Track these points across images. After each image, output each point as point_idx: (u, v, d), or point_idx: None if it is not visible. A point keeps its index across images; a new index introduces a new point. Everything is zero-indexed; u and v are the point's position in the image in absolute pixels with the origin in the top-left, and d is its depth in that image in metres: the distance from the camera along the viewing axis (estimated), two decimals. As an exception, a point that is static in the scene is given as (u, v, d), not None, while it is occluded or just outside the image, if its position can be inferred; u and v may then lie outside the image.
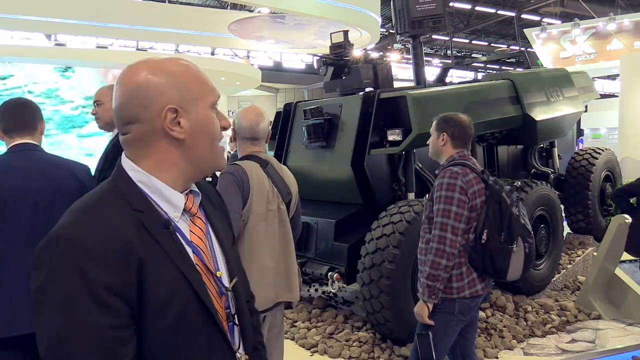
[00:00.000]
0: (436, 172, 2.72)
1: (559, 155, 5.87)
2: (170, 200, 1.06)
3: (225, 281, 1.13)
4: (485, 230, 2.49)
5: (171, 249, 1.01)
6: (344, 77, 4.74)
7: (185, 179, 1.10)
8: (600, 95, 10.89)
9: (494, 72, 15.64)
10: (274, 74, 20.47)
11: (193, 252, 1.06)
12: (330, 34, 4.82)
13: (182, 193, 1.09)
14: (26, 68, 12.92)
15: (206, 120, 1.09)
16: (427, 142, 2.80)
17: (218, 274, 1.10)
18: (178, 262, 1.01)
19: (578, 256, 5.57)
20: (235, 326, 1.12)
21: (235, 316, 1.13)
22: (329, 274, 3.96)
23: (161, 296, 0.96)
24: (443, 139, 2.67)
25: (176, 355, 1.00)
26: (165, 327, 0.97)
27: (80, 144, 13.31)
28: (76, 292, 0.89)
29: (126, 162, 1.07)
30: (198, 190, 1.15)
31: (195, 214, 1.12)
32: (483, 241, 2.49)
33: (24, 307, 2.09)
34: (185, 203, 1.09)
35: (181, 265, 1.02)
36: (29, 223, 2.20)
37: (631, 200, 4.79)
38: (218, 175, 2.59)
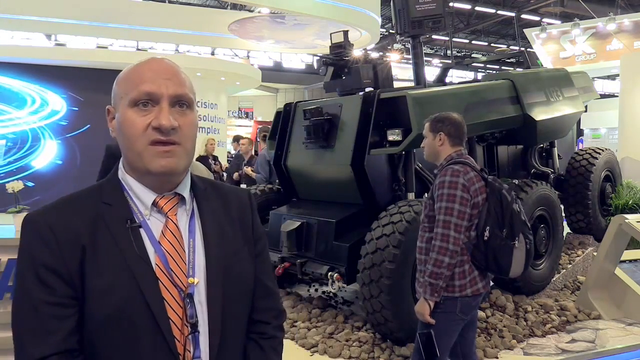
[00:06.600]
0: (435, 171, 2.72)
1: (559, 155, 5.87)
2: (140, 197, 1.09)
3: (202, 290, 1.08)
4: (487, 227, 2.50)
5: (124, 242, 1.03)
6: (344, 77, 4.74)
7: (141, 179, 1.09)
8: (600, 95, 10.89)
9: (494, 72, 15.64)
10: (274, 74, 20.44)
11: (156, 252, 1.05)
12: (330, 34, 4.82)
13: (161, 193, 1.09)
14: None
15: (122, 118, 1.07)
16: (422, 146, 2.80)
17: (191, 280, 1.06)
18: (128, 255, 1.02)
19: (578, 256, 5.57)
20: (197, 335, 1.05)
21: (199, 325, 1.06)
22: (329, 274, 3.96)
23: (101, 284, 1.01)
24: (440, 139, 2.68)
25: (118, 346, 1.01)
26: (106, 316, 1.00)
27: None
28: (26, 267, 1.01)
29: (121, 161, 1.14)
30: (186, 195, 1.12)
31: (170, 215, 1.09)
32: (485, 238, 2.50)
33: None
34: (158, 202, 1.09)
35: (130, 260, 1.02)
36: None
37: None
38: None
